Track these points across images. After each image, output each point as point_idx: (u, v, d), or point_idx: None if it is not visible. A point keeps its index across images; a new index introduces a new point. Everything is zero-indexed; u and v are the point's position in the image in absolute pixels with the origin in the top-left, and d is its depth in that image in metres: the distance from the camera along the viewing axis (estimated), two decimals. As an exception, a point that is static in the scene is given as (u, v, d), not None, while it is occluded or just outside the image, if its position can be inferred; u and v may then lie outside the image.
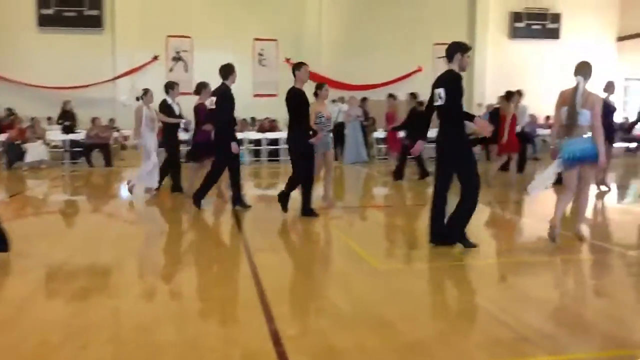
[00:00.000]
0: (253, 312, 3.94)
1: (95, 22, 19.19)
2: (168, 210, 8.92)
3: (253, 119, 18.43)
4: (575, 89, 5.68)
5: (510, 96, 10.84)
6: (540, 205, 9.15)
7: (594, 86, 6.15)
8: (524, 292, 4.52)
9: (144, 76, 19.87)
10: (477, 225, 7.90)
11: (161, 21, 19.42)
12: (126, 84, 19.35)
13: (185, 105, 10.39)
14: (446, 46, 5.74)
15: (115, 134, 16.64)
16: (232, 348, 3.37)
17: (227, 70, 8.28)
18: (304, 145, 7.30)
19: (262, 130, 17.10)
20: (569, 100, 5.68)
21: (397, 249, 6.20)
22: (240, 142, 8.82)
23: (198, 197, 8.02)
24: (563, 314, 3.98)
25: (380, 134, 16.88)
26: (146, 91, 9.81)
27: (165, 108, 9.76)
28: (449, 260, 5.44)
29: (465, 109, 5.67)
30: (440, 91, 5.53)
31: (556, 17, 22.61)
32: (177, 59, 20.15)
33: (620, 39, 22.95)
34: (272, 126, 17.18)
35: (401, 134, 12.86)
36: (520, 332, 3.59)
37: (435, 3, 21.35)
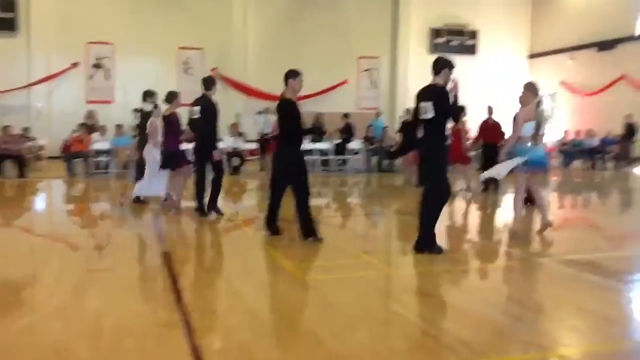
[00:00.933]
0: (173, 327, 3.85)
1: (8, 25, 18.27)
2: (86, 221, 8.59)
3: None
4: (539, 105, 6.82)
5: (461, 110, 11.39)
6: (457, 216, 9.50)
7: (506, 101, 6.58)
8: (443, 300, 4.67)
9: (62, 83, 19.13)
10: (395, 236, 8.11)
11: (80, 26, 18.75)
12: (42, 91, 18.54)
13: (103, 112, 10.09)
14: (434, 61, 6.00)
15: (29, 144, 15.81)
16: (152, 365, 3.28)
17: (209, 82, 8.67)
18: (299, 162, 6.54)
19: (187, 140, 16.72)
20: (536, 115, 6.67)
21: (322, 259, 6.24)
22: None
23: (213, 207, 8.25)
24: (479, 320, 4.14)
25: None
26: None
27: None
28: (371, 270, 5.54)
29: (388, 121, 5.88)
30: (428, 105, 5.72)
31: (474, 34, 23.66)
32: (97, 66, 19.48)
33: (532, 56, 24.33)
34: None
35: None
36: (440, 339, 3.71)
37: (360, 18, 21.81)
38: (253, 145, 16.38)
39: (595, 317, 4.22)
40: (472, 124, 13.13)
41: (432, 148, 5.87)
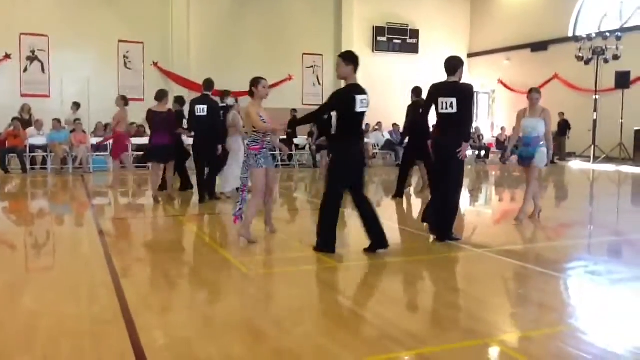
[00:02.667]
0: (114, 325, 3.74)
1: None
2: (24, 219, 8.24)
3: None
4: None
5: None
6: (399, 209, 9.66)
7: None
8: (385, 292, 4.74)
9: (-6, 76, 18.26)
10: (339, 230, 8.18)
11: (12, 16, 17.92)
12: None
13: (39, 107, 9.75)
14: (447, 60, 6.39)
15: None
16: (91, 364, 3.18)
17: (211, 84, 9.42)
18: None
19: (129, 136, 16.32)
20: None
21: (266, 254, 6.21)
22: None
23: (208, 190, 9.26)
24: (421, 310, 4.22)
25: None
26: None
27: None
28: (316, 264, 5.56)
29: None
30: (452, 100, 6.05)
31: (415, 33, 24.09)
32: (32, 58, 18.66)
33: (470, 55, 24.99)
34: (138, 132, 16.48)
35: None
36: (383, 330, 3.75)
37: (303, 15, 21.80)
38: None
39: (532, 304, 4.37)
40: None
41: (454, 144, 6.08)
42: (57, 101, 17.74)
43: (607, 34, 18.63)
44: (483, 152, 19.73)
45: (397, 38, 23.83)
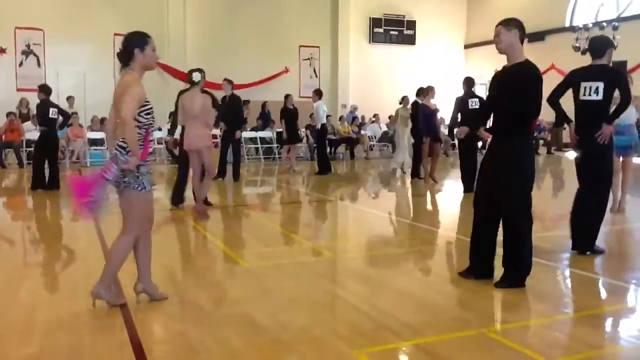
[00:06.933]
0: (112, 318, 3.75)
1: None
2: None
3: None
4: None
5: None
6: (394, 200, 9.68)
7: (444, 90, 6.63)
8: (382, 283, 4.75)
9: (-12, 70, 18.21)
10: (336, 222, 8.19)
11: (7, 10, 17.82)
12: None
13: (36, 101, 9.76)
14: (592, 41, 5.59)
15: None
16: (88, 356, 3.19)
17: (230, 81, 11.03)
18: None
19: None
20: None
21: (263, 246, 6.22)
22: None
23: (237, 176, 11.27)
24: (417, 301, 4.24)
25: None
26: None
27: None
28: (312, 256, 5.57)
29: (330, 109, 5.84)
30: (598, 85, 5.18)
31: (412, 24, 24.01)
32: (27, 52, 18.59)
33: (467, 46, 24.94)
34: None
35: None
36: (380, 321, 3.77)
37: (299, 7, 21.71)
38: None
39: (529, 293, 4.38)
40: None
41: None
42: (53, 95, 17.62)
43: (604, 24, 18.60)
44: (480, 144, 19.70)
45: (394, 29, 23.75)
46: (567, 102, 5.38)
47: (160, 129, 16.54)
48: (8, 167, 14.20)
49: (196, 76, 7.25)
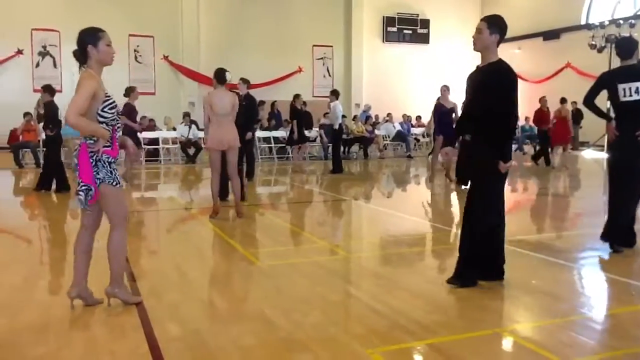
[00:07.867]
0: (127, 316, 3.78)
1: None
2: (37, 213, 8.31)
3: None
4: None
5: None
6: (408, 199, 9.64)
7: (457, 88, 6.60)
8: (396, 282, 4.74)
9: (6, 71, 18.46)
10: (350, 222, 8.18)
11: (24, 12, 18.06)
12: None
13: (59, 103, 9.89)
14: (619, 42, 5.83)
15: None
16: (104, 354, 3.22)
17: (247, 81, 10.15)
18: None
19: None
20: None
21: (276, 245, 6.23)
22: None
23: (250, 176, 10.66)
24: (431, 301, 4.22)
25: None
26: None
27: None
28: (326, 255, 5.56)
29: (343, 109, 5.83)
30: (638, 85, 5.34)
31: (426, 23, 23.93)
32: (44, 53, 18.82)
33: (481, 45, 24.77)
34: (150, 125, 16.57)
35: None
36: (394, 321, 3.75)
37: (313, 7, 21.75)
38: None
39: (544, 294, 4.35)
40: (428, 110, 13.34)
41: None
42: (69, 96, 17.58)
43: (621, 22, 18.39)
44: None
45: (408, 28, 23.69)
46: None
47: (174, 129, 16.66)
48: (25, 167, 14.35)
49: (228, 75, 7.47)
